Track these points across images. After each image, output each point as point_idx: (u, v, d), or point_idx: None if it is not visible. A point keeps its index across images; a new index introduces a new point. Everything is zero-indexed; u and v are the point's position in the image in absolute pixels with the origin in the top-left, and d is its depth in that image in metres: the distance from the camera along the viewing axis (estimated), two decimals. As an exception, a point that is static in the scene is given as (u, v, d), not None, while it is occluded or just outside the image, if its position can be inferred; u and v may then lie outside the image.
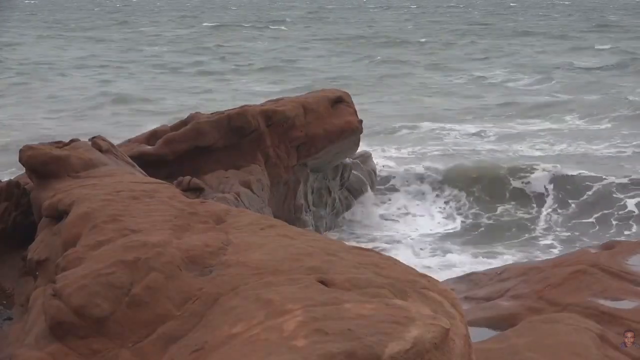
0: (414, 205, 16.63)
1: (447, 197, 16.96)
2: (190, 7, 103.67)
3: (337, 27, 64.26)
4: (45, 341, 3.98)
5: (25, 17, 78.67)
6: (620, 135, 22.02)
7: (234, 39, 55.25)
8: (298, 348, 3.06)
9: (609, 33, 54.11)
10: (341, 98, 14.04)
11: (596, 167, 18.01)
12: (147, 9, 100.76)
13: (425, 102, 28.90)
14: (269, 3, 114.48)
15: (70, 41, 53.53)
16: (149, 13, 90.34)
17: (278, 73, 37.48)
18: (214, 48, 48.46)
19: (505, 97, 29.64)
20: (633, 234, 14.35)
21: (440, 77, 36.06)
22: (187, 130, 11.96)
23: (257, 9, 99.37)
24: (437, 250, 14.14)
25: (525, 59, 40.60)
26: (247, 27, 65.35)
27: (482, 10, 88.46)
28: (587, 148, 20.55)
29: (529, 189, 16.89)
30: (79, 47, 49.54)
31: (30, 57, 42.99)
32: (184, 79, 36.08)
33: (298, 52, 46.35)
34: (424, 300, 3.75)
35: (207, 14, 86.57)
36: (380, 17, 79.66)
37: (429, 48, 47.37)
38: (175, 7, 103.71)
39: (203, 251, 4.51)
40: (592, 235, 14.65)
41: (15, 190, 7.95)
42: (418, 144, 21.39)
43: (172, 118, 18.44)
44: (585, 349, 5.55)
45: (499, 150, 20.56)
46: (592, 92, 29.40)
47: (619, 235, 14.13)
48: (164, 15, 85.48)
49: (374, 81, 34.27)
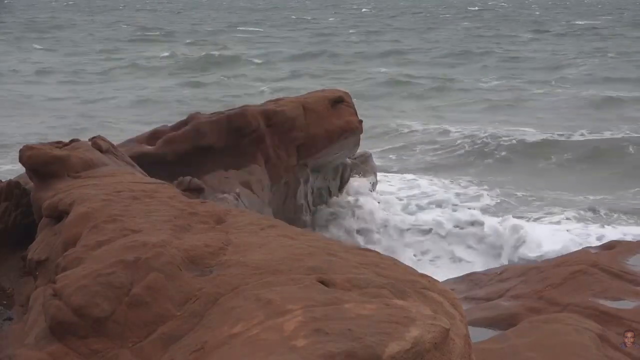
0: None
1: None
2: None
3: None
4: (45, 341, 3.97)
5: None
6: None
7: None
8: (298, 348, 3.06)
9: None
10: (341, 98, 14.04)
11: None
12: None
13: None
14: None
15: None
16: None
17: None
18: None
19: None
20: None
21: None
22: (188, 131, 11.95)
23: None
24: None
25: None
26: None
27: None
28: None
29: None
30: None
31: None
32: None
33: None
34: (424, 300, 3.74)
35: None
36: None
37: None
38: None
39: (203, 251, 4.50)
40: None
41: (15, 190, 7.95)
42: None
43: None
44: (585, 349, 5.55)
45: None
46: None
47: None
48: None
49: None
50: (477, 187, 18.36)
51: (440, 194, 17.56)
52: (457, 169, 20.13)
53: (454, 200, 16.96)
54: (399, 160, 21.09)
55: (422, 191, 17.64)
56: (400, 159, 21.21)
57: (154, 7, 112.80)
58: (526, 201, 17.20)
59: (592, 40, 53.65)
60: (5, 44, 51.42)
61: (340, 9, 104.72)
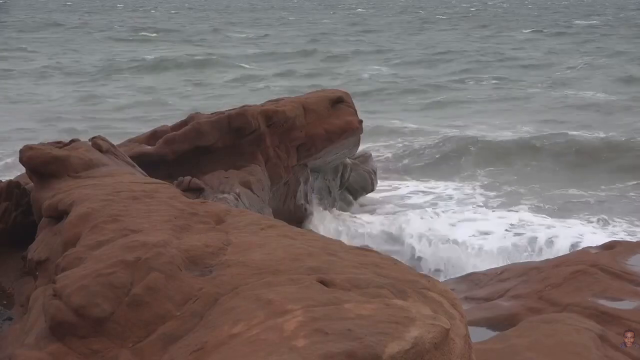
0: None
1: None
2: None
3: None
4: (45, 341, 3.97)
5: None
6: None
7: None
8: (298, 348, 3.06)
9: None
10: (341, 98, 14.04)
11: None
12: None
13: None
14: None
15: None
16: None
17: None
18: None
19: None
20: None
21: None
22: (188, 131, 11.95)
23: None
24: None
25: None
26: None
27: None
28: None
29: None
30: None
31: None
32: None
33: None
34: (424, 300, 3.74)
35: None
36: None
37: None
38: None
39: (203, 251, 4.50)
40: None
41: (15, 190, 7.95)
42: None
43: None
44: (585, 349, 5.55)
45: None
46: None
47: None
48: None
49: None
50: (471, 187, 18.41)
51: (437, 192, 17.72)
52: (448, 170, 20.12)
53: (450, 201, 17.05)
54: (386, 160, 21.05)
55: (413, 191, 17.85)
56: (387, 159, 21.16)
57: (154, 7, 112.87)
58: (523, 200, 17.22)
59: (590, 39, 53.75)
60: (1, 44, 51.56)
61: (337, 9, 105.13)
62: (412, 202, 16.95)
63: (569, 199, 17.12)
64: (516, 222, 14.76)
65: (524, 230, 14.26)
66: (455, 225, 14.55)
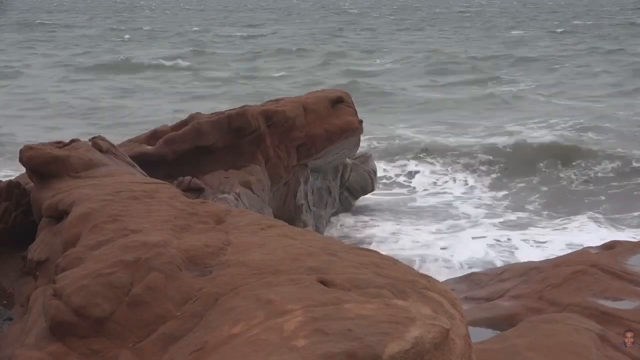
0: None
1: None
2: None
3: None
4: (45, 341, 3.97)
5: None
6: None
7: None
8: (298, 348, 3.06)
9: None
10: (341, 98, 14.04)
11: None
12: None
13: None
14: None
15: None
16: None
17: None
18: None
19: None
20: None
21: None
22: (188, 130, 11.94)
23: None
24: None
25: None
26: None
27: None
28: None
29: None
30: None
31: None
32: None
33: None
34: (424, 300, 3.74)
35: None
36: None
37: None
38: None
39: (203, 251, 4.50)
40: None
41: (15, 190, 7.95)
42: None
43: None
44: (585, 349, 5.55)
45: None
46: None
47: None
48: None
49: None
50: (470, 189, 18.43)
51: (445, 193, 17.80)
52: (445, 171, 20.10)
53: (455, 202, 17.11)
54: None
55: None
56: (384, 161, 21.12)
57: (154, 7, 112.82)
58: (523, 202, 17.24)
59: (587, 40, 53.71)
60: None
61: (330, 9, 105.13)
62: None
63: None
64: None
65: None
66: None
